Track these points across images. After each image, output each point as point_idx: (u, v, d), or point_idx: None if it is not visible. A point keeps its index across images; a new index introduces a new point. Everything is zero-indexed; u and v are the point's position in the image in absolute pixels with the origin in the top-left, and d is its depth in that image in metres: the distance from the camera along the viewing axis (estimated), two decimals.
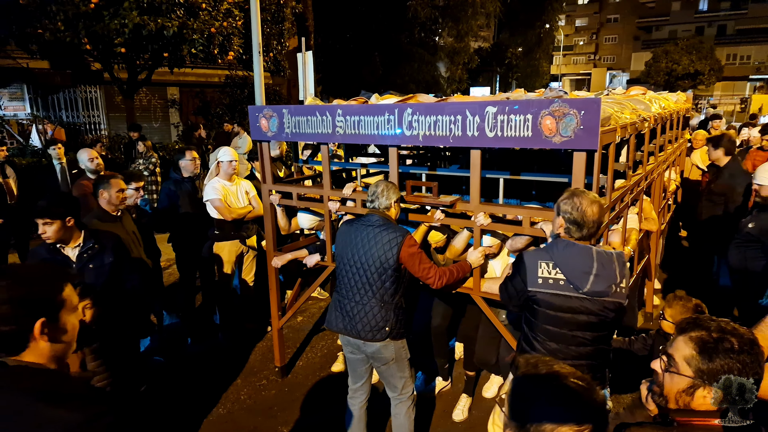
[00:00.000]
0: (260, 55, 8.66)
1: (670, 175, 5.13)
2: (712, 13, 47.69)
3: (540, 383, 1.14)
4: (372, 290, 2.84)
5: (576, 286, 2.19)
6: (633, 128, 3.15)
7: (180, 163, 4.96)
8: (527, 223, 2.80)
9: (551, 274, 2.24)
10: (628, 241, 3.43)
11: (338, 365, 4.39)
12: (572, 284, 2.20)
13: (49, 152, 6.94)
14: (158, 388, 4.12)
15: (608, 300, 2.20)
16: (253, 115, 3.74)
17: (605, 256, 2.22)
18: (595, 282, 2.18)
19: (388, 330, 2.83)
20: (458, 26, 22.94)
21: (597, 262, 2.19)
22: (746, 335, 1.38)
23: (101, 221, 3.68)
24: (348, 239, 2.92)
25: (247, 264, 4.94)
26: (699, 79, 37.32)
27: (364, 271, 2.85)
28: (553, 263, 2.24)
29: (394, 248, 2.77)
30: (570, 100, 2.41)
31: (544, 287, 2.25)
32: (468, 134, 2.75)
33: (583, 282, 2.19)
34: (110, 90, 13.56)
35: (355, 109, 3.21)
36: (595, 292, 2.18)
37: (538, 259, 2.28)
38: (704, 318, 1.45)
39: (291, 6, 13.41)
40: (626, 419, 1.72)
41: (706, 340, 1.38)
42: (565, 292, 2.22)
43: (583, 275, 2.19)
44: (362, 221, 2.93)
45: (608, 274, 2.19)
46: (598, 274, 2.18)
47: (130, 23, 8.31)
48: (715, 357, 1.35)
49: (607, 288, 2.19)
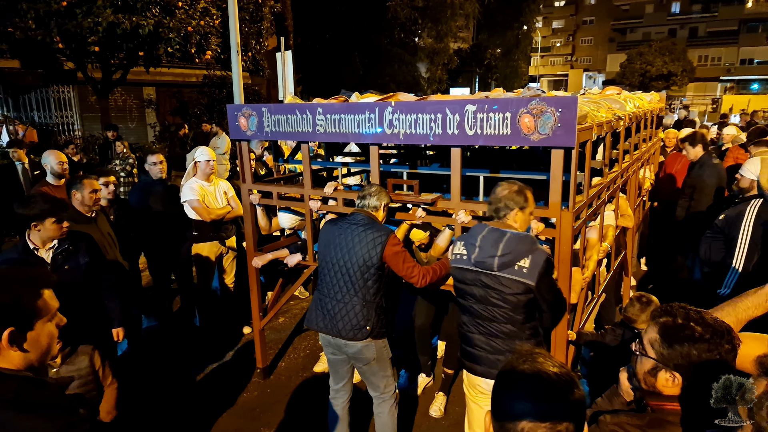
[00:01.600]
0: (238, 54, 8.58)
1: (644, 173, 5.23)
2: (684, 16, 48.80)
3: (520, 379, 1.14)
4: (354, 289, 2.83)
5: (468, 257, 2.44)
6: (609, 126, 3.20)
7: (145, 167, 4.88)
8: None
9: (460, 250, 2.52)
10: (605, 237, 3.49)
11: (321, 366, 4.37)
12: (467, 256, 2.46)
13: (10, 155, 6.65)
14: (137, 390, 4.05)
15: (505, 277, 2.35)
16: (232, 113, 3.70)
17: (495, 232, 2.40)
18: (479, 253, 2.40)
19: (369, 329, 2.82)
20: (438, 27, 23.06)
21: (482, 235, 2.42)
22: (713, 325, 1.42)
23: (75, 222, 3.59)
24: (331, 238, 2.91)
25: (227, 265, 4.89)
26: (672, 80, 38.21)
27: (347, 269, 2.84)
28: (463, 241, 2.52)
29: (378, 247, 2.77)
30: (548, 98, 2.44)
31: (455, 263, 2.54)
32: (448, 132, 2.76)
33: (471, 252, 2.44)
34: (84, 90, 13.27)
35: (335, 107, 3.20)
36: (479, 262, 2.40)
37: (457, 240, 2.57)
38: (676, 306, 1.50)
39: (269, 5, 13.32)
40: (604, 407, 1.75)
41: (669, 326, 1.46)
42: (464, 265, 2.49)
43: (471, 246, 2.45)
44: (347, 220, 2.93)
45: (488, 246, 2.38)
46: (481, 246, 2.41)
47: (103, 21, 8.15)
48: (674, 342, 1.43)
49: (488, 259, 2.35)
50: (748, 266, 3.40)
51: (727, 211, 3.74)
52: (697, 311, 1.47)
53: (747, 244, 3.41)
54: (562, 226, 2.62)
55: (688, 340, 1.41)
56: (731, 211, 3.67)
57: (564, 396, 1.10)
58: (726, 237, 3.58)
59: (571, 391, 1.10)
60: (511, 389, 1.15)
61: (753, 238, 3.41)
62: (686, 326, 1.43)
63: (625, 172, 4.02)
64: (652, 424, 1.47)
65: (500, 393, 1.16)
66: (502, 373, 1.18)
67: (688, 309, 1.48)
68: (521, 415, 1.08)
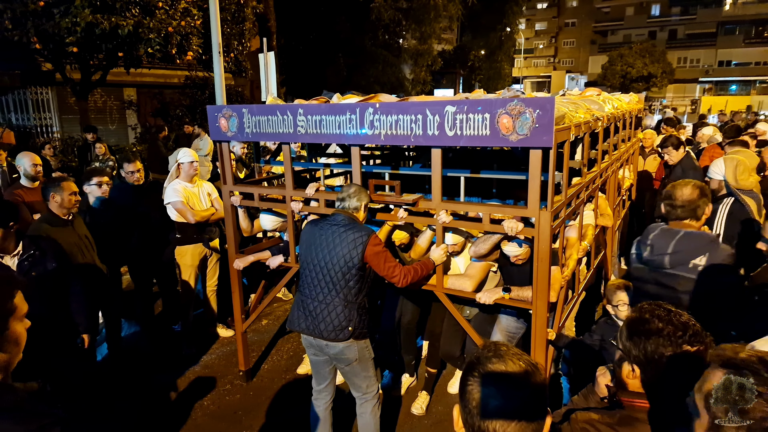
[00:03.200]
0: (220, 55, 8.53)
1: (624, 172, 5.30)
2: (663, 18, 49.62)
3: (486, 378, 1.14)
4: (336, 289, 2.83)
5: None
6: (587, 127, 3.24)
7: (122, 173, 4.81)
8: (487, 220, 2.85)
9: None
10: (585, 236, 3.53)
11: (304, 367, 4.35)
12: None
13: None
14: (118, 395, 3.99)
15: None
16: (212, 115, 3.67)
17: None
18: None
19: (351, 330, 2.82)
20: (421, 28, 23.12)
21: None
22: (675, 322, 1.46)
23: (51, 226, 3.53)
24: (312, 239, 2.91)
25: (210, 267, 4.84)
26: (652, 82, 38.83)
27: (328, 270, 2.83)
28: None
29: (359, 247, 2.77)
30: (525, 99, 2.46)
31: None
32: (429, 133, 2.77)
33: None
34: (63, 91, 13.04)
35: (316, 108, 3.19)
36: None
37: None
38: (653, 304, 1.55)
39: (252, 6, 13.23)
40: (579, 404, 1.77)
41: (633, 320, 1.53)
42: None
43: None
44: (328, 221, 2.92)
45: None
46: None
47: (82, 22, 8.02)
48: (633, 335, 1.50)
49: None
50: None
51: None
52: (668, 310, 1.50)
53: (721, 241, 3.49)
54: (540, 225, 2.64)
55: (644, 333, 1.47)
56: None
57: (532, 393, 1.11)
58: None
59: (533, 378, 1.12)
60: (482, 387, 1.15)
61: (727, 235, 3.50)
62: (647, 321, 1.48)
63: (604, 172, 4.07)
64: (622, 422, 1.50)
65: (470, 389, 1.16)
66: (471, 367, 1.18)
67: (660, 306, 1.52)
68: (492, 414, 1.10)
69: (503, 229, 2.77)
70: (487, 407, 1.10)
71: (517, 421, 1.08)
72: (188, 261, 4.62)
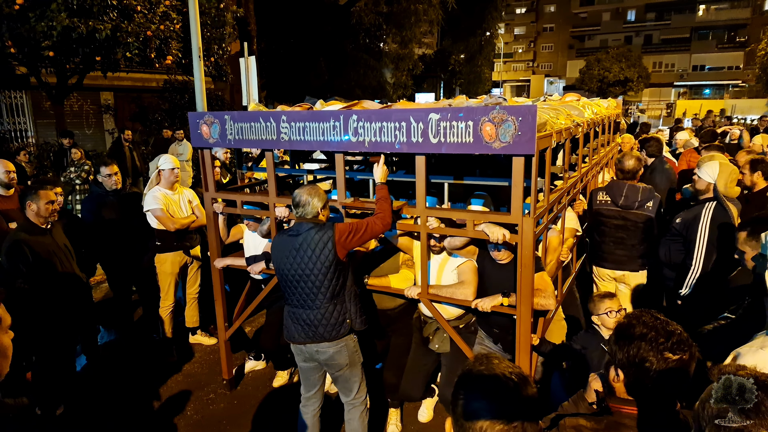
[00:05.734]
0: (200, 59, 8.43)
1: (603, 176, 5.39)
2: (639, 24, 50.62)
3: (477, 381, 1.18)
4: (322, 291, 2.83)
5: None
6: (568, 133, 3.29)
7: (98, 178, 4.73)
8: (471, 226, 2.86)
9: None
10: (566, 240, 3.57)
11: (279, 380, 4.23)
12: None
13: None
14: (98, 405, 3.91)
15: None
16: (194, 121, 3.63)
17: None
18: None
19: (350, 322, 2.88)
20: (402, 33, 23.18)
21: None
22: (658, 327, 1.49)
23: (29, 234, 3.47)
24: (284, 252, 2.87)
25: (191, 275, 4.78)
26: (628, 86, 39.52)
27: (307, 277, 2.82)
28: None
29: (329, 244, 2.77)
30: (508, 107, 2.48)
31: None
32: (413, 140, 2.77)
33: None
34: (38, 95, 12.76)
35: (300, 115, 3.17)
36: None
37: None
38: (644, 311, 1.58)
39: (232, 10, 13.12)
40: (569, 410, 1.78)
41: (621, 325, 1.59)
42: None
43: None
44: (292, 230, 2.89)
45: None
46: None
47: (58, 26, 7.85)
48: (619, 339, 1.55)
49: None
50: (707, 266, 3.54)
51: (683, 213, 3.87)
52: (656, 317, 1.53)
53: (705, 245, 3.55)
54: (524, 231, 2.67)
55: (629, 337, 1.51)
56: (687, 213, 3.80)
57: (515, 395, 1.13)
58: (684, 239, 3.72)
59: (524, 390, 1.14)
60: (469, 390, 1.19)
61: (710, 239, 3.55)
62: (633, 326, 1.52)
63: (584, 177, 4.13)
64: (609, 427, 1.51)
65: (459, 394, 1.20)
66: (461, 375, 1.22)
67: (649, 313, 1.55)
68: (479, 414, 1.12)
69: (485, 235, 2.79)
70: (478, 417, 1.12)
71: (505, 422, 1.10)
72: (168, 269, 4.55)
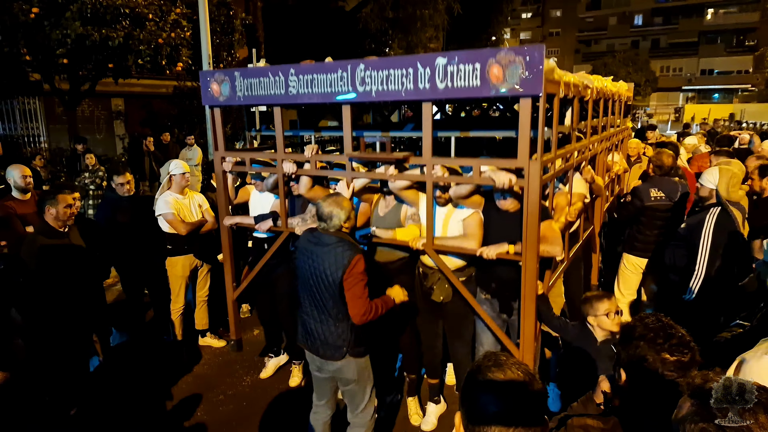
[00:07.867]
0: (210, 66, 8.57)
1: (613, 157, 5.27)
2: (646, 28, 50.46)
3: (489, 385, 1.18)
4: (326, 307, 2.83)
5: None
6: (576, 90, 3.27)
7: (113, 185, 4.83)
8: (477, 172, 2.86)
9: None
10: (574, 203, 3.54)
11: (295, 380, 4.29)
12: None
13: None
14: (108, 407, 3.99)
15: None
16: (204, 79, 3.69)
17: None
18: None
19: (346, 349, 2.83)
20: (408, 38, 23.25)
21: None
22: (658, 329, 1.54)
23: (47, 237, 3.57)
24: (306, 254, 2.88)
25: (201, 278, 4.86)
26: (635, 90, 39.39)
27: (317, 288, 2.83)
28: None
29: (341, 269, 2.71)
30: (515, 48, 2.48)
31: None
32: (420, 87, 2.76)
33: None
34: (50, 101, 12.96)
35: (307, 68, 3.18)
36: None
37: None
38: (651, 314, 1.64)
39: (241, 17, 13.30)
40: (578, 411, 1.83)
41: (627, 326, 1.66)
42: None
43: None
44: (317, 239, 2.86)
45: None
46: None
47: (72, 33, 8.02)
48: (622, 340, 1.63)
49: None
50: (710, 271, 3.57)
51: (688, 219, 3.93)
52: (659, 320, 1.57)
53: (708, 251, 3.58)
54: (530, 175, 2.63)
55: (629, 339, 1.58)
56: (692, 219, 3.85)
57: (527, 398, 1.16)
58: (688, 244, 3.76)
59: (534, 391, 1.17)
60: (482, 394, 1.19)
61: (714, 244, 3.57)
62: (636, 327, 1.58)
63: (592, 146, 4.09)
64: (616, 427, 1.55)
65: (470, 397, 1.21)
66: (471, 376, 1.23)
67: (654, 316, 1.61)
68: (491, 419, 1.13)
69: (491, 182, 2.77)
70: (487, 414, 1.14)
71: (515, 427, 1.12)
72: (179, 272, 4.64)
